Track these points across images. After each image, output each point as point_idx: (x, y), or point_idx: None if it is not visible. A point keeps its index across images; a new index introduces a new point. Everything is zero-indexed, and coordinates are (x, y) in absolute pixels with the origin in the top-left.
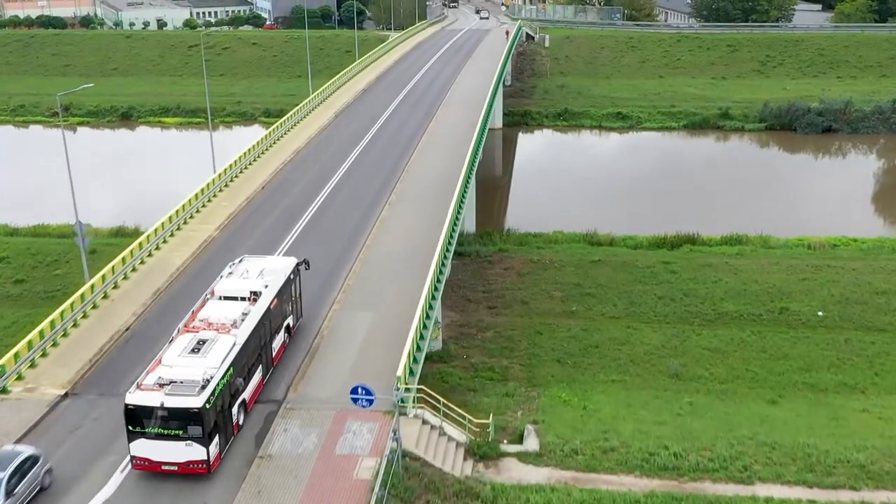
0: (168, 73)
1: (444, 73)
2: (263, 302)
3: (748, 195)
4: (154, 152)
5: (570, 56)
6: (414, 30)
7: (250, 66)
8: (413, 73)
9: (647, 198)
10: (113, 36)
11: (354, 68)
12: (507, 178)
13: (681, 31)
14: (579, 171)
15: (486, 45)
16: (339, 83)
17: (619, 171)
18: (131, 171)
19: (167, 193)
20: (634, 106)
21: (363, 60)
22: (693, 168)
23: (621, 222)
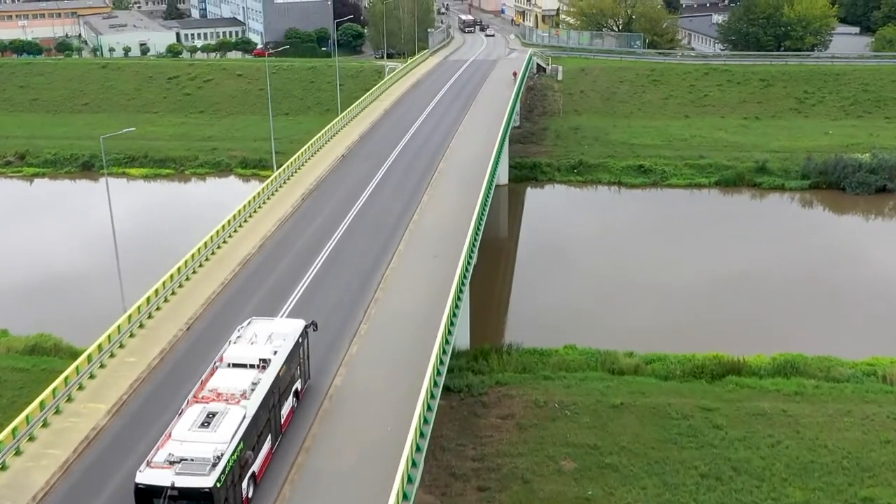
0: (143, 109)
1: (439, 131)
2: (273, 370)
3: (797, 284)
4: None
5: (586, 91)
6: (413, 63)
7: (233, 101)
8: (403, 128)
9: (675, 290)
10: (88, 65)
11: (336, 125)
12: (512, 242)
13: (708, 63)
14: (595, 248)
15: (491, 87)
16: (317, 145)
17: (642, 250)
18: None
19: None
20: (658, 157)
21: (349, 113)
22: (728, 243)
23: (645, 326)
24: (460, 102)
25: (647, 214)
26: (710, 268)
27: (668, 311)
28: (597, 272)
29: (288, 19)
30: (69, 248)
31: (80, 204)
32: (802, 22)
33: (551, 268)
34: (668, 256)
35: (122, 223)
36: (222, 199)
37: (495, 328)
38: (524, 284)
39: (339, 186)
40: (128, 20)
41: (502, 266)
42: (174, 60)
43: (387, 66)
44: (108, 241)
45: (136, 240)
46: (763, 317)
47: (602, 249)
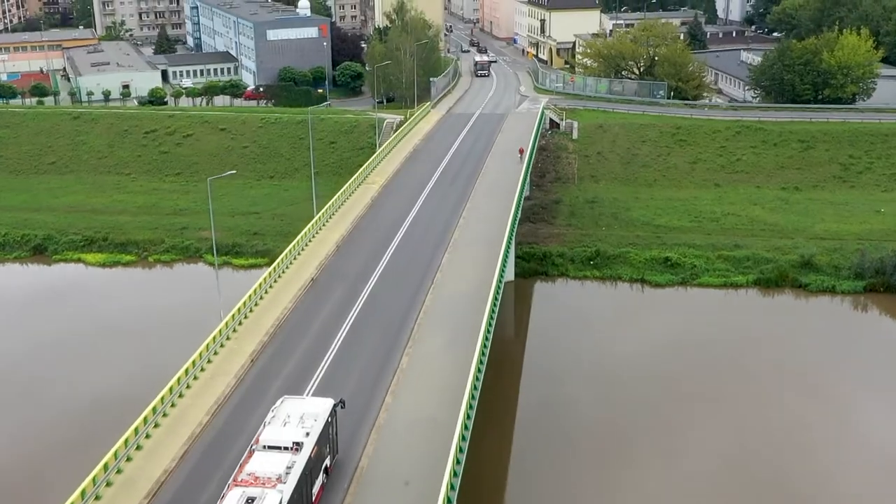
0: (115, 170)
1: (430, 237)
2: (305, 452)
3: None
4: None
5: (604, 152)
6: (411, 123)
7: (214, 160)
8: (388, 232)
9: (713, 454)
10: (59, 116)
11: (301, 244)
12: (519, 346)
13: (740, 119)
14: (610, 387)
15: (496, 164)
16: (286, 262)
17: (668, 393)
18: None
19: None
20: (687, 245)
21: (328, 211)
22: (774, 378)
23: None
24: (459, 188)
25: (674, 329)
26: (755, 414)
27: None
28: (613, 432)
29: (282, 58)
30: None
31: (23, 297)
32: (843, 69)
33: (556, 411)
34: (698, 414)
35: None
36: (178, 301)
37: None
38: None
39: (296, 348)
40: (112, 56)
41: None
42: (154, 110)
43: (384, 119)
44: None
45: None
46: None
47: (619, 390)
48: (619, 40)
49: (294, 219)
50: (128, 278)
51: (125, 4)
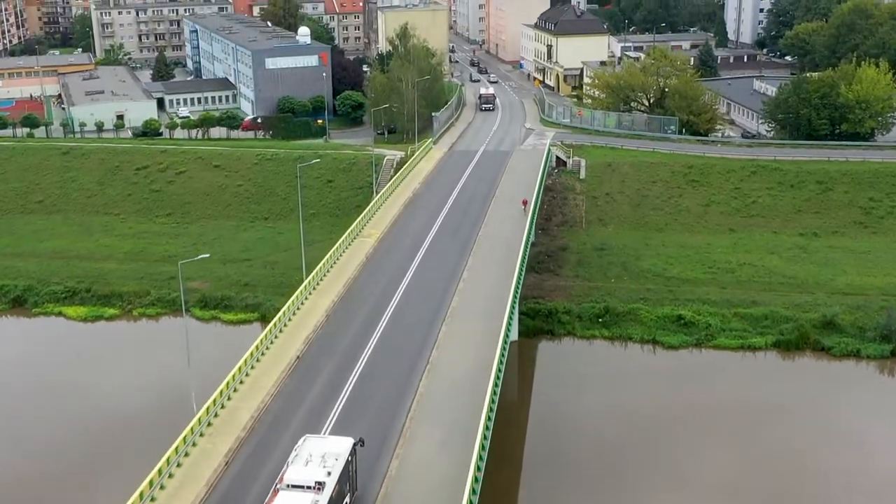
0: (104, 210)
1: (425, 309)
2: (328, 491)
3: None
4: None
5: (613, 194)
6: (412, 163)
7: (207, 200)
8: (381, 300)
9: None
10: (48, 151)
11: (288, 313)
12: (523, 411)
13: (755, 159)
14: (622, 464)
15: (499, 213)
16: (257, 353)
17: (681, 470)
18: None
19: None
20: (701, 301)
21: (310, 283)
22: (793, 452)
23: None
24: (458, 244)
25: (688, 396)
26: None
27: None
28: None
29: (281, 87)
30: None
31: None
32: (862, 104)
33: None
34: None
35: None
36: (151, 378)
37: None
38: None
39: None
40: (108, 82)
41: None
42: (147, 144)
43: (384, 156)
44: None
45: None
46: None
47: (633, 469)
48: (628, 71)
49: (287, 267)
50: (108, 336)
51: (125, 27)
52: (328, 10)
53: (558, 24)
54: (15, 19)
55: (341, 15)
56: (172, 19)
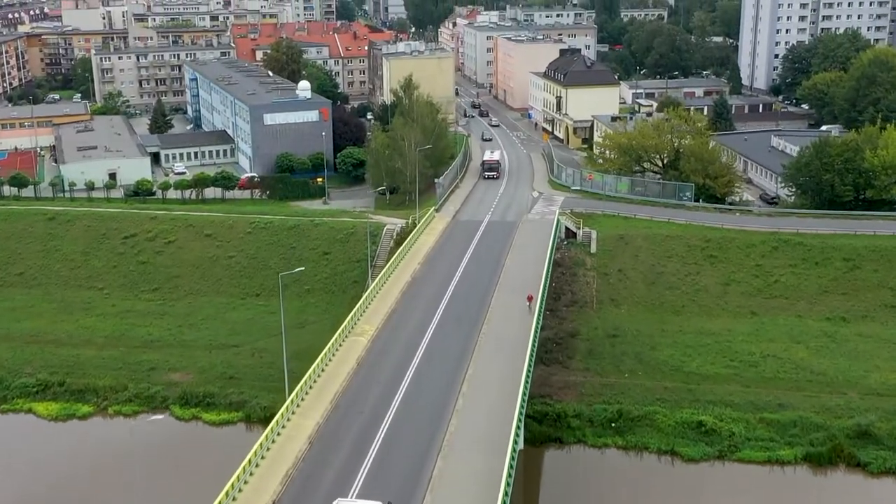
0: (87, 284)
1: (414, 449)
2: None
3: None
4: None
5: (626, 270)
6: (413, 237)
7: (196, 272)
8: (366, 436)
9: None
10: (33, 216)
11: (266, 444)
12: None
13: (777, 232)
14: None
15: (505, 303)
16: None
17: None
18: None
19: None
20: (723, 404)
21: (293, 401)
22: None
23: None
24: (458, 346)
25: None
26: None
27: None
28: None
29: (279, 143)
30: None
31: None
32: (887, 169)
33: None
34: None
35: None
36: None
37: None
38: None
39: None
40: (102, 135)
41: None
42: (136, 209)
43: (384, 224)
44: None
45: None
46: None
47: None
48: (641, 132)
49: (277, 355)
50: (77, 440)
51: (125, 71)
52: (333, 53)
53: (568, 75)
54: (16, 61)
55: (346, 59)
56: (173, 64)
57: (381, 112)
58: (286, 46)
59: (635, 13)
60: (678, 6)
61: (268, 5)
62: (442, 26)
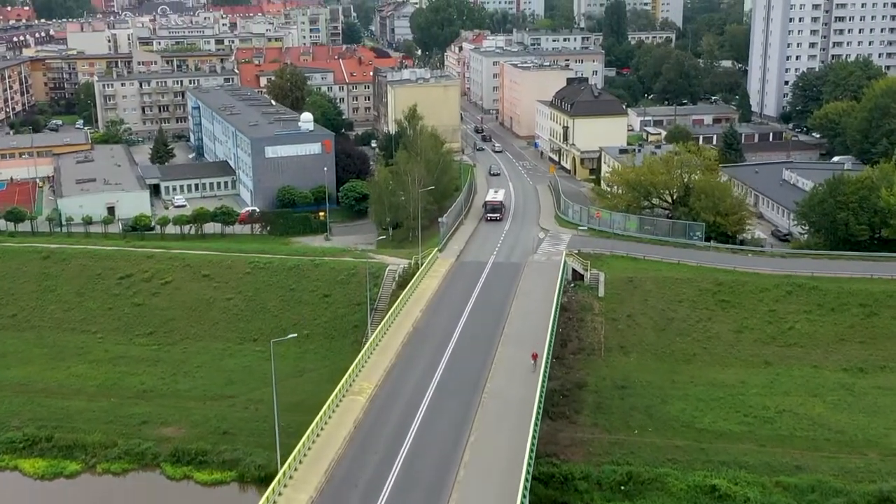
0: (80, 328)
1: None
2: None
3: None
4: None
5: (635, 315)
6: (417, 281)
7: (193, 316)
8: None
9: None
10: (28, 255)
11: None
12: None
13: (790, 275)
14: None
15: (506, 369)
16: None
17: None
18: None
19: None
20: (737, 465)
21: (285, 474)
22: None
23: None
24: (460, 407)
25: None
26: None
27: None
28: None
29: (281, 176)
30: None
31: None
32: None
33: None
34: None
35: None
36: None
37: None
38: None
39: None
40: (102, 167)
41: None
42: (133, 248)
43: (387, 265)
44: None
45: None
46: None
47: None
48: (650, 167)
49: (272, 407)
50: (63, 502)
51: (127, 98)
52: (337, 79)
53: (575, 105)
54: (20, 86)
55: (351, 85)
56: (177, 91)
57: (386, 142)
58: (290, 73)
59: (643, 36)
60: (686, 29)
61: (273, 29)
62: (448, 50)
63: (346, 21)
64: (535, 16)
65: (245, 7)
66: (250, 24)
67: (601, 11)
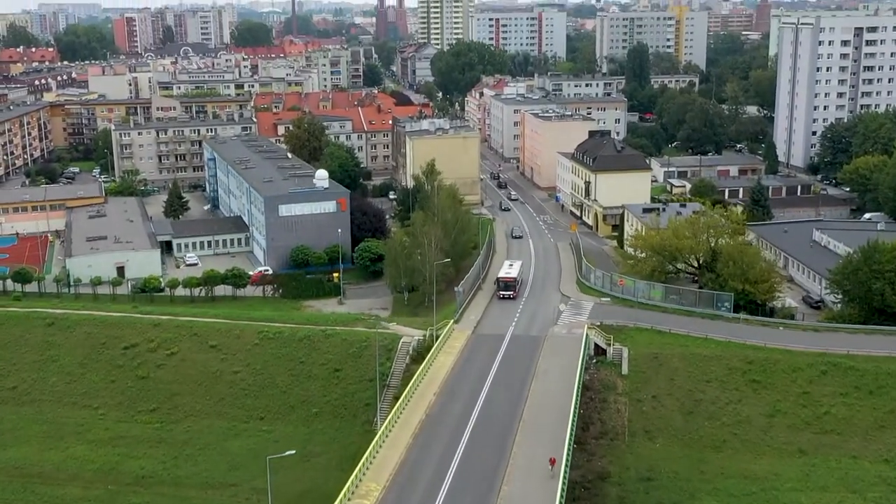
0: (82, 403)
1: None
2: None
3: None
4: None
5: (660, 396)
6: (427, 365)
7: (199, 390)
8: None
9: None
10: (31, 321)
11: None
12: None
13: (825, 353)
14: None
15: (524, 470)
16: None
17: None
18: None
19: None
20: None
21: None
22: None
23: None
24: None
25: None
26: None
27: None
28: None
29: (295, 235)
30: None
31: None
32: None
33: None
34: None
35: None
36: None
37: None
38: None
39: None
40: (114, 222)
41: None
42: (140, 315)
43: (401, 337)
44: None
45: None
46: None
47: None
48: (675, 232)
49: (277, 499)
50: None
51: (144, 147)
52: (356, 127)
53: (597, 160)
54: (39, 132)
55: (370, 133)
56: (194, 139)
57: (403, 197)
58: (308, 123)
59: (666, 79)
60: (710, 72)
61: (293, 73)
62: (469, 95)
63: (367, 63)
64: (556, 57)
65: (267, 48)
66: (271, 67)
67: (623, 54)
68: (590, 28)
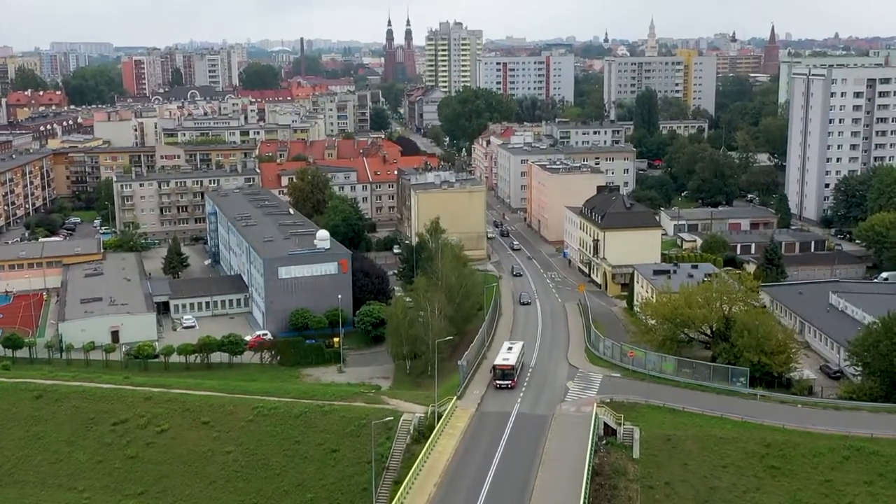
0: (67, 484)
1: None
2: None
3: None
4: None
5: (673, 483)
6: (427, 451)
7: (188, 472)
8: None
9: None
10: (18, 394)
11: None
12: None
13: (848, 437)
14: None
15: None
16: None
17: None
18: None
19: None
20: None
21: None
22: None
23: None
24: None
25: None
26: None
27: None
28: None
29: (295, 297)
30: None
31: None
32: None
33: None
34: None
35: None
36: None
37: None
38: None
39: None
40: (110, 281)
41: None
42: (131, 387)
43: (401, 414)
44: None
45: None
46: None
47: None
48: (686, 300)
49: None
50: None
51: (146, 199)
52: (361, 179)
53: (605, 217)
54: (41, 180)
55: (374, 184)
56: (196, 191)
57: (408, 254)
58: (312, 175)
59: (675, 125)
60: (718, 117)
61: (299, 119)
62: (476, 143)
63: (374, 107)
64: (564, 101)
65: (274, 91)
66: (276, 114)
67: (632, 98)
68: (598, 69)
